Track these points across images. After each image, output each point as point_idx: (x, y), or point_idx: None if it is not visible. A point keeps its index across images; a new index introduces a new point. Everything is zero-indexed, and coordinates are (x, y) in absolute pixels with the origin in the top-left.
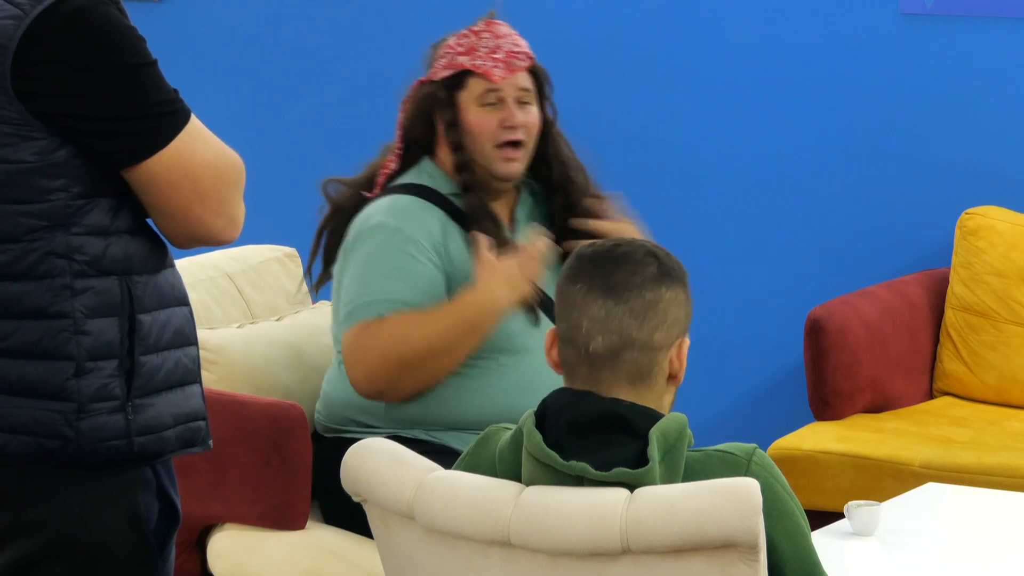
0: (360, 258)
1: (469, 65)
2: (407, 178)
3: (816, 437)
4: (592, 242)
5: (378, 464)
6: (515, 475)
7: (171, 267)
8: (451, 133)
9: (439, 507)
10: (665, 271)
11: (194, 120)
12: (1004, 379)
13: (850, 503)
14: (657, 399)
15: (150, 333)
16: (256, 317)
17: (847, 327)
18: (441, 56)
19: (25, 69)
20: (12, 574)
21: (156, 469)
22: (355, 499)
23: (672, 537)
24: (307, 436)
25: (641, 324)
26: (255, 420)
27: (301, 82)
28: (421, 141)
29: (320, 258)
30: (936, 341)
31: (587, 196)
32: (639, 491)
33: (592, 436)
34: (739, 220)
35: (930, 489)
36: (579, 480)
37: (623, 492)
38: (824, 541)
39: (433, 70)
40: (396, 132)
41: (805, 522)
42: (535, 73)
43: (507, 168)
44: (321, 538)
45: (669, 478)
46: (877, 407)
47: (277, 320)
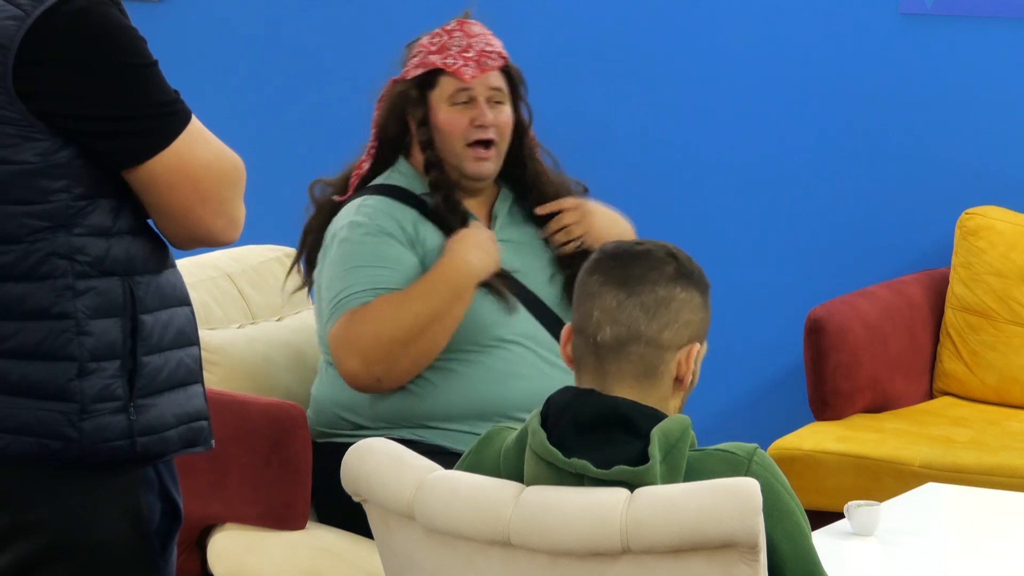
0: (335, 257)
1: (440, 64)
2: (381, 179)
3: (816, 437)
4: (618, 241)
5: (378, 464)
6: (519, 474)
7: (173, 267)
8: (421, 132)
9: (439, 507)
10: (683, 273)
11: (195, 121)
12: (1004, 379)
13: (850, 503)
14: (662, 401)
15: (152, 333)
16: (256, 317)
17: (847, 327)
18: (414, 55)
19: (26, 69)
20: (13, 575)
21: (158, 469)
22: (355, 499)
23: (672, 537)
24: (307, 436)
25: (651, 319)
26: (255, 420)
27: (301, 82)
28: (395, 140)
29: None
30: (936, 341)
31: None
32: (639, 491)
33: (594, 434)
34: (739, 220)
35: (930, 489)
36: (580, 478)
37: (623, 492)
38: (824, 541)
39: (406, 69)
40: (371, 131)
41: (806, 522)
42: (508, 73)
43: (478, 168)
44: (321, 538)
45: (670, 478)
46: (877, 407)
47: (277, 320)
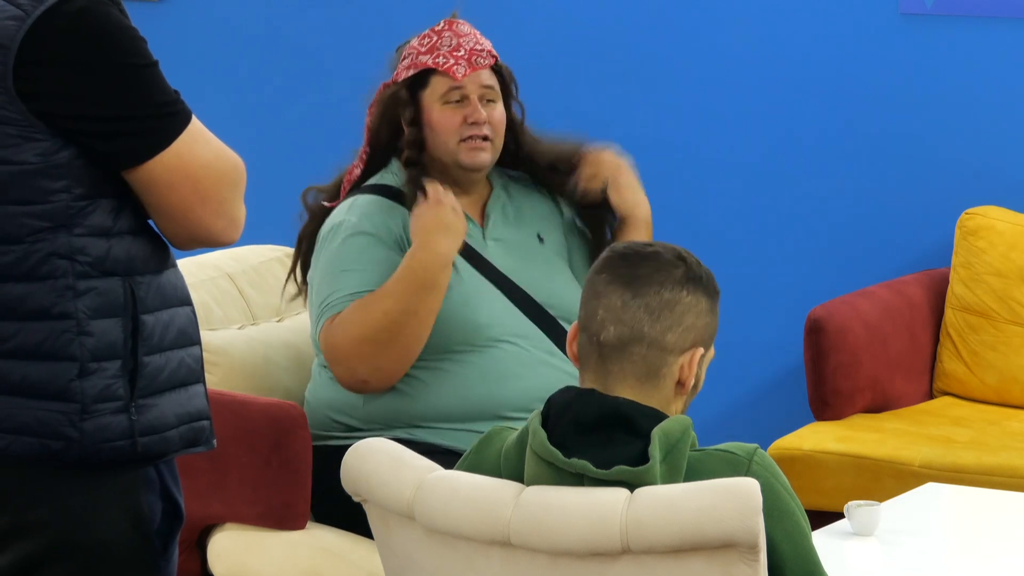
0: (322, 261)
1: (431, 63)
2: (374, 179)
3: (816, 437)
4: (629, 241)
5: (378, 464)
6: (519, 474)
7: (173, 267)
8: (412, 132)
9: (439, 507)
10: (691, 276)
11: (195, 121)
12: (1004, 379)
13: (850, 503)
14: (664, 403)
15: (153, 333)
16: (257, 318)
17: (847, 327)
18: (404, 57)
19: (27, 69)
20: (14, 575)
21: (159, 469)
22: (355, 499)
23: (672, 537)
24: (307, 436)
25: (654, 321)
26: (255, 420)
27: (301, 82)
28: (388, 144)
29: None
30: (936, 341)
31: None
32: (639, 491)
33: (595, 434)
34: (739, 220)
35: (930, 489)
36: (580, 478)
37: (623, 492)
38: (824, 541)
39: (397, 72)
40: (364, 136)
41: (806, 522)
42: (499, 72)
43: (473, 157)
44: (321, 538)
45: (670, 478)
46: (877, 407)
47: (278, 321)
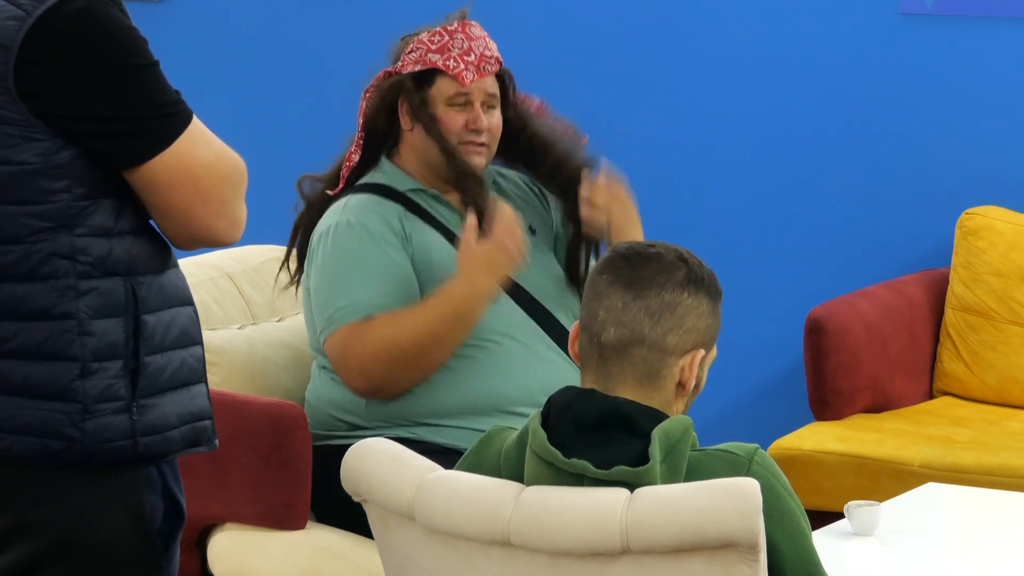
0: (324, 262)
1: (441, 65)
2: (365, 179)
3: (816, 437)
4: (631, 241)
5: (378, 464)
6: (519, 474)
7: (175, 267)
8: (421, 115)
9: (439, 507)
10: (693, 279)
11: (196, 121)
12: (1004, 379)
13: (850, 503)
14: (665, 404)
15: (155, 333)
16: (257, 318)
17: (847, 327)
18: (412, 50)
19: (27, 69)
20: (15, 575)
21: (161, 469)
22: (355, 499)
23: (672, 537)
24: (307, 436)
25: (655, 323)
26: (255, 420)
27: (301, 82)
28: (382, 133)
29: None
30: (936, 341)
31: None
32: (639, 491)
33: (595, 435)
34: (739, 220)
35: (930, 489)
36: (580, 478)
37: (623, 492)
38: (824, 541)
39: (402, 63)
40: (358, 122)
41: (806, 522)
42: (501, 78)
43: (471, 160)
44: (321, 538)
45: (671, 478)
46: (877, 407)
47: (278, 321)
